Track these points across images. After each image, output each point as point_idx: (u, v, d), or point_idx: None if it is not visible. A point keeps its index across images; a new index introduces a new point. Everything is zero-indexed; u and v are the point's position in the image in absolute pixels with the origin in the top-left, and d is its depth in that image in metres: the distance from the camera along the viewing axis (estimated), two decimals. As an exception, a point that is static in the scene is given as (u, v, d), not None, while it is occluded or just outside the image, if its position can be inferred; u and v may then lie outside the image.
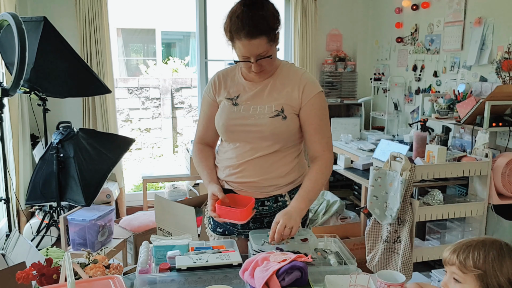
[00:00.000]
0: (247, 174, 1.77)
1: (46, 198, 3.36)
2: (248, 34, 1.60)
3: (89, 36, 4.31)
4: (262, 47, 1.64)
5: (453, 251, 1.25)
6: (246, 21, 1.60)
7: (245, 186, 1.78)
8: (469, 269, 1.20)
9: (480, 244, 1.23)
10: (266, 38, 1.63)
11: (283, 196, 1.81)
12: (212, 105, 1.86)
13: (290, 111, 1.74)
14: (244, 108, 1.76)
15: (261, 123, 1.73)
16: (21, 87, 3.10)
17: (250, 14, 1.60)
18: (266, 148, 1.75)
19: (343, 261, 1.56)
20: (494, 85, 3.27)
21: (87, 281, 1.31)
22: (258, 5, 1.63)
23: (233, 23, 1.62)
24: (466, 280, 1.21)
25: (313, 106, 1.75)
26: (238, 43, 1.64)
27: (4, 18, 2.94)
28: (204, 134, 1.92)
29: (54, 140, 3.31)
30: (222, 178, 1.84)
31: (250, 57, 1.66)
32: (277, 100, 1.74)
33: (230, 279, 1.48)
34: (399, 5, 4.48)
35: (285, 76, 1.78)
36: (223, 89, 1.83)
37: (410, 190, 2.69)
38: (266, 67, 1.72)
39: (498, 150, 3.20)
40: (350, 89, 5.19)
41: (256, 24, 1.60)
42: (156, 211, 3.22)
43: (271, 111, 1.73)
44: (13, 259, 2.45)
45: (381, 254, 2.84)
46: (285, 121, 1.73)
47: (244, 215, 1.65)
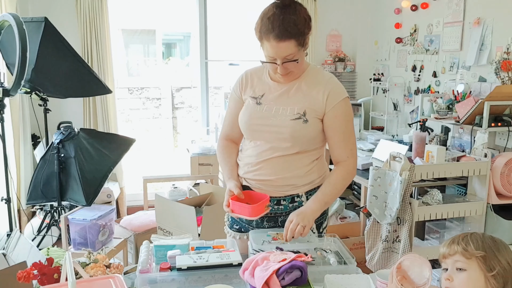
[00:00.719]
0: (264, 173, 1.78)
1: (47, 198, 3.37)
2: (277, 36, 1.61)
3: (90, 36, 4.32)
4: (290, 50, 1.64)
5: (451, 243, 1.29)
6: (276, 23, 1.61)
7: (262, 183, 1.79)
8: (472, 253, 1.24)
9: (474, 234, 1.30)
10: (295, 42, 1.64)
11: (300, 197, 1.81)
12: (238, 102, 1.88)
13: (313, 115, 1.74)
14: (267, 108, 1.77)
15: (281, 125, 1.73)
16: (22, 88, 3.11)
17: (282, 17, 1.61)
18: (285, 149, 1.75)
19: (342, 261, 1.56)
20: (493, 85, 3.28)
21: (88, 281, 1.31)
22: (291, 9, 1.64)
23: (264, 24, 1.64)
24: (470, 266, 1.24)
25: (338, 113, 1.75)
26: (266, 44, 1.65)
27: (5, 18, 2.95)
28: (229, 131, 1.94)
29: (55, 140, 3.31)
30: (240, 175, 1.86)
31: (277, 59, 1.67)
32: (300, 103, 1.74)
33: (230, 279, 1.48)
34: (399, 6, 4.49)
35: (311, 79, 1.77)
36: (249, 88, 1.85)
37: (409, 190, 2.69)
38: (292, 70, 1.72)
39: (497, 150, 3.21)
40: (350, 89, 5.19)
41: (286, 27, 1.61)
42: (156, 211, 3.23)
43: (293, 114, 1.73)
44: (14, 259, 2.46)
45: (380, 253, 2.85)
46: (306, 125, 1.73)
47: (254, 211, 1.66)
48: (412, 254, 1.30)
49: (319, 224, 1.87)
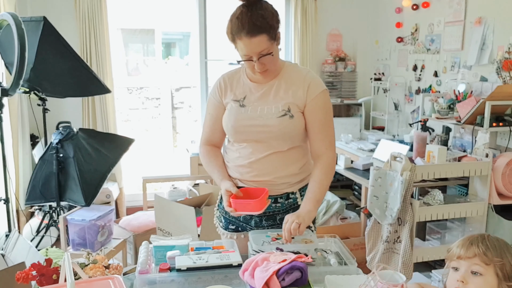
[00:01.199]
0: (260, 173, 1.80)
1: (46, 198, 3.36)
2: (248, 33, 1.64)
3: (89, 36, 4.31)
4: (263, 45, 1.67)
5: (469, 244, 1.27)
6: (245, 20, 1.64)
7: (259, 184, 1.81)
8: (492, 259, 1.23)
9: (488, 237, 1.28)
10: (267, 36, 1.67)
11: (294, 193, 1.85)
12: (218, 107, 1.89)
13: (296, 110, 1.77)
14: (251, 109, 1.80)
15: (270, 124, 1.76)
16: (21, 87, 3.10)
17: (249, 14, 1.65)
18: (276, 147, 1.78)
19: (343, 261, 1.55)
20: (494, 85, 3.27)
21: (86, 281, 1.31)
22: (257, 5, 1.68)
23: (234, 24, 1.67)
24: (487, 272, 1.23)
25: (317, 104, 1.78)
26: (240, 43, 1.68)
27: (4, 18, 2.93)
28: (211, 136, 1.95)
29: (53, 140, 3.30)
30: (236, 177, 1.87)
31: (252, 55, 1.69)
32: (283, 100, 1.77)
33: (230, 279, 1.47)
34: (399, 5, 4.48)
35: (290, 76, 1.81)
36: (229, 91, 1.86)
37: (410, 190, 2.68)
38: (269, 66, 1.74)
39: (498, 150, 3.20)
40: (350, 89, 5.18)
41: (255, 23, 1.64)
42: (156, 211, 3.22)
43: (278, 111, 1.76)
44: (12, 259, 2.45)
45: (381, 254, 2.84)
46: (293, 120, 1.76)
47: (258, 205, 1.67)
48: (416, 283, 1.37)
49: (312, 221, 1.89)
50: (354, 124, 4.68)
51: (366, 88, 5.16)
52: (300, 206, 1.76)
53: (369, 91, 5.06)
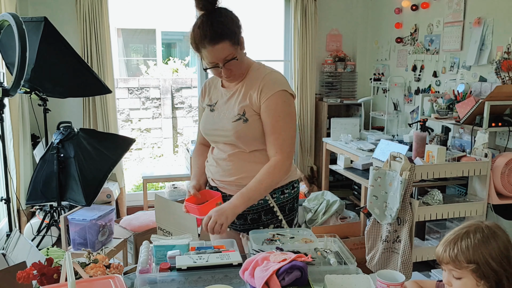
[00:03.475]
0: (226, 173, 1.87)
1: (47, 198, 3.37)
2: (211, 40, 1.67)
3: (90, 36, 4.32)
4: (227, 51, 1.69)
5: (444, 250, 1.28)
6: (207, 29, 1.66)
7: (226, 184, 1.88)
8: (462, 264, 1.24)
9: (465, 235, 1.27)
10: (229, 42, 1.69)
11: (265, 196, 1.86)
12: (202, 111, 1.99)
13: (252, 113, 1.78)
14: (217, 113, 1.86)
15: (226, 128, 1.81)
16: (22, 87, 3.11)
17: (209, 22, 1.67)
18: (237, 149, 1.83)
19: (343, 261, 1.56)
20: (493, 85, 3.27)
21: (87, 281, 1.31)
22: (216, 13, 1.70)
23: (196, 34, 1.69)
24: (464, 275, 1.25)
25: (269, 107, 1.76)
26: (204, 51, 1.71)
27: (5, 18, 2.94)
28: (202, 137, 2.03)
29: (54, 140, 3.31)
30: (209, 177, 1.96)
31: (218, 62, 1.72)
32: (239, 104, 1.79)
33: (230, 279, 1.48)
34: (399, 6, 4.49)
35: (251, 78, 1.81)
36: (207, 96, 1.95)
37: (409, 190, 2.69)
38: (235, 70, 1.76)
39: (497, 150, 3.21)
40: (350, 89, 5.19)
41: (216, 30, 1.66)
42: (156, 211, 3.22)
43: (233, 116, 1.79)
44: (13, 259, 2.45)
45: (380, 254, 2.84)
46: (247, 124, 1.77)
47: (202, 211, 1.75)
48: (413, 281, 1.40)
49: (290, 220, 1.94)
50: (353, 124, 4.69)
51: (366, 88, 5.17)
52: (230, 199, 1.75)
53: (369, 91, 5.07)
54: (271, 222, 1.89)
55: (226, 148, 1.86)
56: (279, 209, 1.89)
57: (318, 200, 4.01)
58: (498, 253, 1.23)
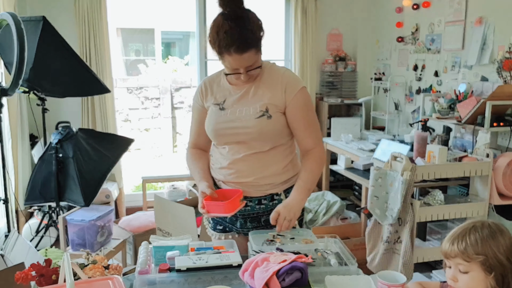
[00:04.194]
0: (241, 174, 1.82)
1: (45, 198, 3.36)
2: (238, 49, 1.65)
3: (88, 35, 4.31)
4: (252, 59, 1.70)
5: (451, 243, 1.29)
6: (236, 37, 1.64)
7: (242, 185, 1.82)
8: (472, 257, 1.24)
9: (472, 229, 1.28)
10: (255, 50, 1.69)
11: (279, 195, 1.85)
12: (202, 111, 1.92)
13: (275, 110, 1.78)
14: (231, 111, 1.82)
15: (248, 125, 1.78)
16: (20, 87, 3.09)
17: (238, 29, 1.64)
18: (256, 147, 1.80)
19: (343, 262, 1.55)
20: (495, 85, 3.26)
21: (86, 282, 1.31)
22: (244, 19, 1.67)
23: (222, 38, 1.66)
24: (472, 268, 1.25)
25: (298, 103, 1.78)
26: (228, 57, 1.68)
27: (3, 17, 2.93)
28: (196, 139, 1.97)
29: (53, 140, 3.30)
30: (219, 179, 1.89)
31: (240, 69, 1.71)
32: (261, 101, 1.78)
33: (230, 280, 1.47)
34: (400, 5, 4.47)
35: (267, 77, 1.81)
36: (210, 95, 1.89)
37: (410, 191, 2.68)
38: (254, 75, 1.78)
39: (499, 150, 3.19)
40: (351, 89, 5.18)
41: (245, 39, 1.64)
42: (155, 212, 3.21)
43: (256, 112, 1.78)
44: (12, 260, 2.44)
45: (381, 254, 2.83)
46: (271, 120, 1.77)
47: (229, 207, 1.69)
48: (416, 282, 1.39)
49: (300, 220, 1.92)
50: (354, 124, 4.68)
51: (367, 88, 5.15)
52: (290, 194, 1.78)
53: (370, 91, 5.06)
54: None
55: (240, 149, 1.81)
56: None
57: (318, 201, 4.00)
58: (506, 247, 1.25)
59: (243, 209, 1.81)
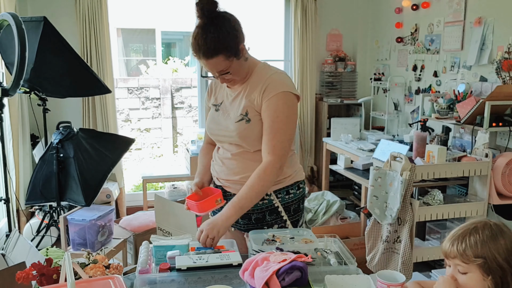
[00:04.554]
0: (230, 172, 1.87)
1: (46, 198, 3.36)
2: (204, 55, 1.67)
3: (89, 36, 4.31)
4: (220, 65, 1.69)
5: (451, 244, 1.28)
6: (201, 43, 1.66)
7: (231, 183, 1.88)
8: (470, 259, 1.24)
9: (473, 230, 1.27)
10: (223, 57, 1.67)
11: (269, 195, 1.86)
12: (208, 110, 1.99)
13: (254, 113, 1.78)
14: (221, 113, 1.87)
15: (229, 128, 1.82)
16: (21, 87, 3.10)
17: (204, 36, 1.65)
18: (243, 148, 1.83)
19: (343, 261, 1.55)
20: (494, 85, 3.27)
21: (87, 281, 1.31)
22: (213, 26, 1.65)
23: (192, 44, 1.70)
24: (470, 269, 1.25)
25: (268, 107, 1.75)
26: (200, 61, 1.72)
27: (4, 18, 2.94)
28: (207, 136, 2.04)
29: (54, 140, 3.30)
30: (215, 176, 1.97)
31: (213, 73, 1.74)
32: (242, 104, 1.80)
33: (230, 279, 1.47)
34: (399, 5, 4.48)
35: (256, 79, 1.81)
36: (213, 96, 1.95)
37: (410, 190, 2.68)
38: (233, 77, 1.77)
39: (498, 150, 3.20)
40: (350, 89, 5.19)
41: (209, 46, 1.65)
42: (156, 211, 3.21)
43: (236, 116, 1.80)
44: (13, 259, 2.45)
45: (381, 254, 2.84)
46: (249, 124, 1.78)
47: (201, 207, 1.78)
48: (415, 282, 1.38)
49: (295, 221, 1.94)
50: (354, 124, 4.69)
51: (366, 88, 5.16)
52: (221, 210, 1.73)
53: (369, 91, 5.06)
54: (275, 222, 1.89)
55: (231, 148, 1.87)
56: (284, 210, 1.89)
57: (318, 200, 4.00)
58: (505, 250, 1.24)
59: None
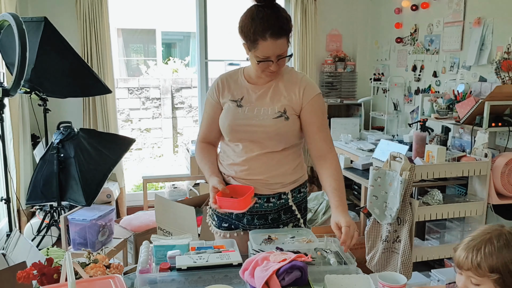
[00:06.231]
0: (254, 172, 1.84)
1: (47, 198, 3.37)
2: (274, 34, 1.67)
3: (90, 36, 4.32)
4: (284, 47, 1.73)
5: (466, 256, 1.25)
6: (272, 22, 1.67)
7: (253, 182, 1.84)
8: (485, 272, 1.21)
9: (488, 242, 1.24)
10: (287, 38, 1.73)
11: (286, 194, 1.87)
12: (216, 107, 1.92)
13: (292, 112, 1.81)
14: (248, 109, 1.83)
15: (265, 124, 1.79)
16: (22, 87, 3.11)
17: (275, 16, 1.68)
18: (271, 146, 1.82)
19: (342, 261, 1.56)
20: (493, 85, 3.28)
21: (87, 281, 1.31)
22: (279, 7, 1.72)
23: (258, 24, 1.67)
24: (483, 282, 1.23)
25: (314, 107, 1.82)
26: (262, 43, 1.69)
27: (5, 18, 2.94)
28: (207, 134, 1.98)
29: (54, 140, 3.31)
30: (230, 175, 1.89)
31: (271, 56, 1.72)
32: (279, 102, 1.81)
33: (230, 279, 1.48)
34: (399, 6, 4.49)
35: (287, 79, 1.85)
36: (227, 92, 1.89)
37: (409, 190, 2.69)
38: (282, 66, 1.80)
39: (497, 150, 3.21)
40: (350, 89, 5.19)
41: (281, 25, 1.68)
42: (156, 211, 3.22)
43: (274, 112, 1.80)
44: (13, 259, 2.45)
45: (380, 253, 2.84)
46: (288, 122, 1.80)
47: (242, 204, 1.69)
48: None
49: (305, 220, 1.97)
50: (353, 124, 4.69)
51: (366, 88, 5.16)
52: (339, 214, 1.73)
53: (369, 91, 5.07)
54: (290, 221, 1.90)
55: (254, 147, 1.83)
56: (297, 208, 1.92)
57: (318, 200, 4.01)
58: None
59: (252, 206, 1.80)
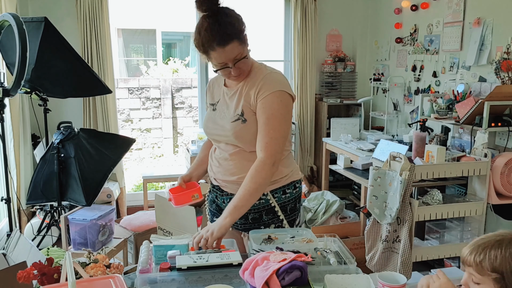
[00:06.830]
0: (227, 173, 1.88)
1: (47, 197, 3.37)
2: (220, 42, 1.67)
3: (90, 36, 4.32)
4: (236, 50, 1.70)
5: (470, 252, 1.24)
6: (215, 31, 1.66)
7: (228, 183, 1.89)
8: (485, 271, 1.20)
9: (496, 244, 1.22)
10: (237, 41, 1.70)
11: (266, 195, 1.86)
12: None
13: (250, 113, 1.78)
14: (218, 113, 1.88)
15: (225, 128, 1.82)
16: (22, 88, 3.11)
17: (217, 24, 1.67)
18: (238, 149, 1.83)
19: (342, 261, 1.56)
20: (493, 85, 3.28)
21: (87, 281, 1.31)
22: (221, 14, 1.69)
23: (203, 36, 1.69)
24: (484, 281, 1.21)
25: (263, 105, 1.76)
26: (213, 53, 1.70)
27: (5, 18, 2.95)
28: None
29: (55, 140, 3.31)
30: (212, 176, 1.99)
31: (228, 63, 1.72)
32: (239, 104, 1.80)
33: (230, 279, 1.48)
34: (399, 6, 4.49)
35: (252, 78, 1.82)
36: (210, 95, 1.97)
37: (409, 190, 2.69)
38: (244, 68, 1.77)
39: (497, 150, 3.21)
40: (350, 89, 5.19)
41: (225, 31, 1.66)
42: (156, 211, 3.23)
43: (232, 116, 1.80)
44: (14, 259, 2.46)
45: (380, 253, 2.85)
46: (245, 124, 1.78)
47: (176, 200, 1.89)
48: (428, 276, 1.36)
49: (291, 221, 1.94)
50: (353, 124, 4.69)
51: (366, 89, 5.17)
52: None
53: (369, 91, 5.07)
54: (272, 222, 1.90)
55: (227, 148, 1.86)
56: (281, 209, 1.89)
57: (318, 200, 4.01)
58: None
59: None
